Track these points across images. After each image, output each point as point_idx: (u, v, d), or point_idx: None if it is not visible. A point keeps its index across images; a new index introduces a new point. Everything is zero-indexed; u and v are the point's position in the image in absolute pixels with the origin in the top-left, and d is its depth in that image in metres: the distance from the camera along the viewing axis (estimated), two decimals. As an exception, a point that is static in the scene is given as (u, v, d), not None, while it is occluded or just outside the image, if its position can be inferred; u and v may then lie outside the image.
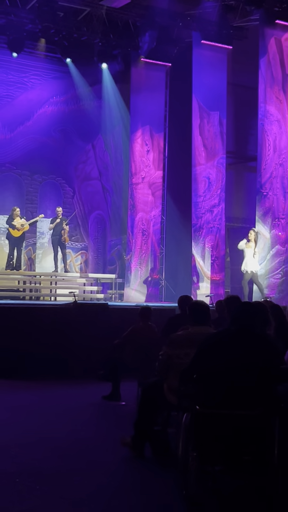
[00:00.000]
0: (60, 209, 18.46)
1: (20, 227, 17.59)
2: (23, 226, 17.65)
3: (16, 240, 17.68)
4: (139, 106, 18.77)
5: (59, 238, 17.95)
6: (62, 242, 17.98)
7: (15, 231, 17.56)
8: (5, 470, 5.73)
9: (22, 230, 17.67)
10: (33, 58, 18.87)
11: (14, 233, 17.59)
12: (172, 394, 6.04)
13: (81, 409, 8.73)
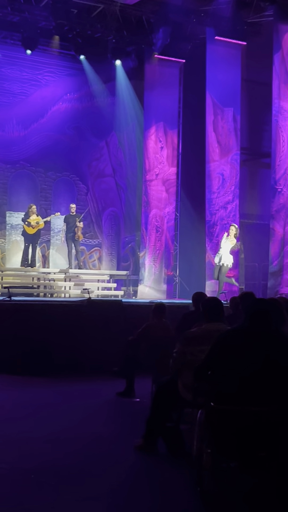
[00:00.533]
0: (74, 206, 18.50)
1: (35, 224, 17.63)
2: (38, 223, 17.69)
3: (31, 237, 17.72)
4: (153, 102, 18.75)
5: (73, 235, 17.98)
6: (76, 239, 18.01)
7: (29, 229, 17.61)
8: (21, 466, 5.75)
9: (37, 227, 17.70)
10: (47, 55, 18.92)
11: (28, 230, 17.63)
12: (186, 390, 6.03)
13: (95, 406, 8.75)
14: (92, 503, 4.94)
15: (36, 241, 18.04)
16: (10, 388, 9.89)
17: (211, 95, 17.59)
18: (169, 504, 5.06)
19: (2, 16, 16.90)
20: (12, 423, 7.53)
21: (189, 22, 17.70)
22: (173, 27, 17.50)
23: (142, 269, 18.52)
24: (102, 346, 11.57)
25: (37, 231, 17.79)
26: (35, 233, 17.77)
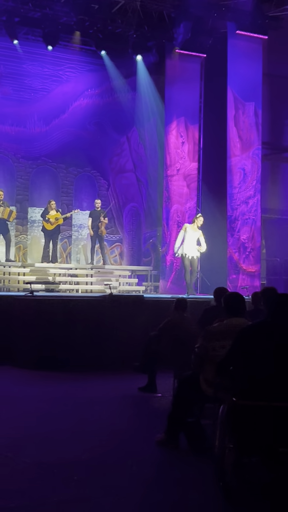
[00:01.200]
0: (98, 201, 18.58)
1: (54, 220, 17.68)
2: (57, 219, 17.74)
3: (50, 233, 17.78)
4: (174, 97, 18.71)
5: (96, 230, 18.03)
6: (99, 234, 18.07)
7: (48, 225, 17.66)
8: (43, 461, 5.78)
9: (56, 223, 17.75)
10: (68, 51, 18.94)
11: (47, 226, 17.69)
12: (208, 386, 6.03)
13: (117, 401, 8.77)
14: (114, 497, 4.95)
15: (56, 237, 18.09)
16: (32, 383, 9.95)
17: (232, 89, 17.52)
18: (190, 498, 5.06)
19: (24, 12, 16.94)
20: (34, 418, 7.57)
21: (210, 16, 17.62)
22: (194, 21, 17.43)
23: (164, 264, 18.51)
24: (123, 341, 11.60)
25: (56, 227, 17.83)
26: (54, 229, 17.82)
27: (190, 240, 15.59)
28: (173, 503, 4.93)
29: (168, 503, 4.91)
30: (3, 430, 6.93)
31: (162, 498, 4.99)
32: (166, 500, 4.96)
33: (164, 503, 4.91)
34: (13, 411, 7.97)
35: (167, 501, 4.96)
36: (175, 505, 4.90)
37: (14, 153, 19.75)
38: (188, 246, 15.56)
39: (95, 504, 4.82)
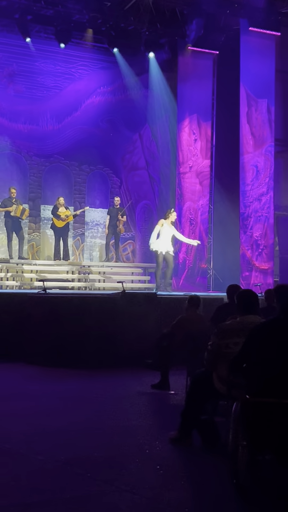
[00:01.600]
0: (118, 199, 18.62)
1: (65, 217, 17.71)
2: (67, 217, 17.78)
3: (60, 230, 17.82)
4: (186, 94, 18.68)
5: (114, 228, 18.08)
6: (117, 232, 18.12)
7: (59, 222, 17.69)
8: (56, 457, 5.79)
9: (67, 220, 17.79)
10: (80, 49, 18.96)
11: (58, 223, 17.72)
12: (221, 383, 6.03)
13: (130, 398, 8.77)
14: (126, 494, 4.96)
15: (66, 234, 18.12)
16: (45, 380, 9.97)
17: (245, 86, 17.48)
18: (204, 496, 5.06)
19: (36, 10, 16.98)
20: (47, 415, 7.59)
21: (223, 13, 17.59)
22: (206, 18, 17.41)
23: (176, 262, 18.50)
24: (136, 338, 11.61)
25: (66, 224, 17.87)
26: (64, 226, 17.85)
27: (165, 236, 15.39)
28: (186, 500, 4.93)
29: (181, 500, 4.91)
30: (17, 426, 6.96)
31: (175, 496, 4.98)
32: (179, 498, 4.96)
33: (178, 500, 4.90)
34: (27, 407, 7.99)
35: (180, 498, 4.95)
36: (188, 502, 4.90)
37: (26, 151, 19.79)
38: (163, 242, 15.36)
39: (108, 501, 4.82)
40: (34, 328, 11.43)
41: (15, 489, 4.96)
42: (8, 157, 19.52)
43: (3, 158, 19.44)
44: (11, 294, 12.71)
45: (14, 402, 8.27)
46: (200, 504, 4.90)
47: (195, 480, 5.40)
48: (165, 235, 15.44)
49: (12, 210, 17.11)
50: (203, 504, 4.90)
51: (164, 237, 15.42)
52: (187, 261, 18.39)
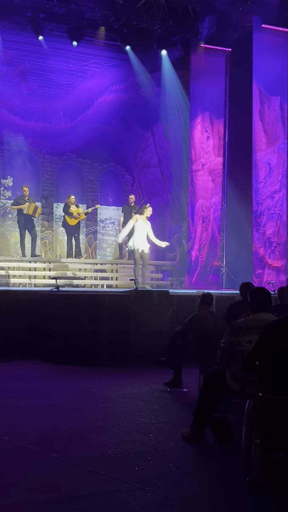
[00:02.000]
0: (132, 196, 18.64)
1: (77, 215, 17.74)
2: (79, 214, 17.80)
3: (72, 228, 17.86)
4: (199, 92, 18.67)
5: None
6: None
7: (71, 220, 17.72)
8: (70, 455, 5.81)
9: (79, 218, 17.82)
10: (93, 47, 19.01)
11: (70, 221, 17.75)
12: (234, 381, 6.03)
13: (143, 395, 8.78)
14: (140, 492, 4.97)
15: (78, 232, 18.17)
16: (59, 378, 10.00)
17: (258, 83, 17.44)
18: (217, 494, 5.06)
19: (49, 8, 17.02)
20: (60, 413, 7.61)
21: (235, 10, 17.55)
22: (219, 15, 17.38)
23: (189, 259, 18.50)
24: (149, 336, 11.63)
25: (78, 222, 17.90)
26: (76, 224, 17.88)
27: (140, 232, 14.90)
28: (199, 498, 4.93)
29: (194, 498, 4.92)
30: (31, 424, 6.98)
31: (188, 493, 4.99)
32: (192, 496, 4.96)
33: (191, 498, 4.91)
34: (40, 405, 8.02)
35: (193, 496, 4.96)
36: (202, 500, 4.90)
37: (39, 149, 19.84)
38: (139, 238, 14.88)
39: (122, 498, 4.83)
40: (47, 326, 11.46)
41: (29, 487, 4.98)
42: (21, 155, 19.58)
43: (16, 156, 19.50)
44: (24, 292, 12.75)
45: (27, 400, 8.30)
46: (213, 501, 4.90)
47: (208, 478, 5.40)
48: (139, 231, 14.89)
49: (25, 208, 17.16)
50: (216, 501, 4.91)
51: (138, 233, 14.89)
52: (200, 258, 18.38)
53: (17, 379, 9.84)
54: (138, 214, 15.36)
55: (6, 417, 7.28)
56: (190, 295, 12.68)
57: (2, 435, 6.40)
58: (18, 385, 9.35)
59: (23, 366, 10.96)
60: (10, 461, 5.60)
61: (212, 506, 4.81)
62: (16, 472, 5.32)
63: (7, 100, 19.22)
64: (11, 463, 5.55)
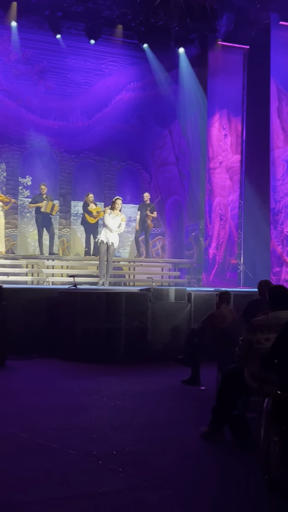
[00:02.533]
0: (147, 194, 18.64)
1: (96, 214, 17.77)
2: (99, 213, 17.84)
3: (91, 226, 17.89)
4: (216, 90, 18.63)
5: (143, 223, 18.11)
6: (147, 227, 18.15)
7: (91, 218, 17.75)
8: (88, 452, 5.83)
9: (98, 216, 17.85)
10: (110, 45, 19.02)
11: (90, 219, 17.78)
12: (252, 379, 6.02)
13: (161, 393, 8.79)
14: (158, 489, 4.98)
15: (96, 231, 18.19)
16: (76, 376, 10.02)
17: (276, 81, 17.37)
18: (235, 492, 5.06)
19: (66, 6, 17.06)
20: (79, 410, 7.63)
21: (253, 7, 17.49)
22: (236, 13, 17.34)
23: (206, 257, 18.47)
24: (167, 334, 11.65)
25: (97, 220, 17.94)
26: (96, 223, 17.92)
27: (110, 225, 14.43)
28: (217, 496, 4.93)
29: (212, 496, 4.92)
30: (49, 421, 7.01)
31: (207, 491, 4.99)
32: (210, 493, 4.97)
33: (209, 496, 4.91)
34: (59, 403, 8.05)
35: (211, 494, 4.96)
36: (220, 498, 4.90)
37: (57, 147, 19.88)
38: (106, 232, 14.47)
39: (140, 496, 4.84)
40: (65, 323, 11.49)
41: (48, 484, 5.00)
42: (39, 153, 19.64)
43: (34, 155, 19.56)
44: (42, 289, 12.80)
45: (46, 397, 8.33)
46: (232, 499, 4.90)
47: (227, 476, 5.40)
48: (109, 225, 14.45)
49: (42, 206, 17.21)
50: (235, 499, 4.90)
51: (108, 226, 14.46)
52: (217, 256, 18.36)
53: (35, 377, 9.88)
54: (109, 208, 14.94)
55: (24, 414, 7.32)
56: (208, 293, 12.67)
57: (21, 433, 6.43)
58: (36, 383, 9.39)
59: (41, 364, 11.00)
60: (29, 458, 5.63)
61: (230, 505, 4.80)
62: (36, 469, 5.34)
63: (25, 99, 19.28)
64: (30, 460, 5.58)
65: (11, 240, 18.98)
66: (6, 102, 19.08)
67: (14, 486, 4.91)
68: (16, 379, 9.75)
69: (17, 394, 8.48)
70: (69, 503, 4.65)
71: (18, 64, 19.00)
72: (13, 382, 9.51)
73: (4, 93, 19.04)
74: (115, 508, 4.60)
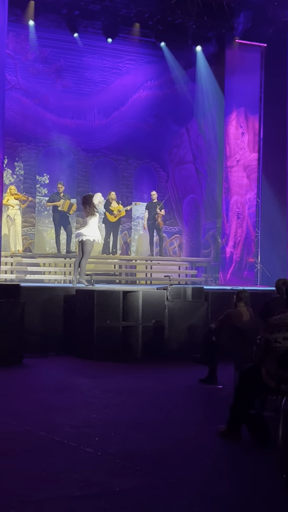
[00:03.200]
0: (154, 193, 18.61)
1: (117, 213, 17.79)
2: (120, 211, 17.85)
3: (112, 225, 17.90)
4: (234, 88, 18.59)
5: (153, 222, 18.09)
6: (157, 226, 18.13)
7: (112, 217, 17.78)
8: (105, 451, 5.84)
9: (119, 215, 17.86)
10: (127, 43, 19.04)
11: (111, 218, 17.80)
12: (270, 378, 6.00)
13: (178, 392, 8.79)
14: (175, 488, 4.97)
15: (117, 229, 18.21)
16: (93, 374, 10.04)
17: (293, 78, 17.31)
18: (253, 491, 5.05)
19: (84, 5, 17.09)
20: (95, 408, 7.65)
21: (271, 5, 17.45)
22: (254, 11, 17.30)
23: (223, 256, 18.44)
24: (184, 332, 11.65)
25: (118, 219, 17.95)
26: (116, 221, 17.94)
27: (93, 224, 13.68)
28: (235, 495, 4.92)
29: (230, 495, 4.91)
30: (67, 419, 7.02)
31: (224, 490, 4.98)
32: (228, 492, 4.96)
33: (226, 495, 4.90)
34: (76, 401, 8.06)
35: (229, 493, 4.95)
36: (237, 497, 4.89)
37: (74, 145, 19.91)
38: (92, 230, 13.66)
39: (157, 494, 4.84)
40: (82, 321, 11.51)
41: (65, 482, 5.01)
42: (56, 152, 19.68)
43: (51, 153, 19.61)
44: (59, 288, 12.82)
45: (63, 396, 8.35)
46: (249, 499, 4.89)
47: (244, 475, 5.38)
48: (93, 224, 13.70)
49: (60, 204, 17.26)
50: (252, 499, 4.89)
51: (93, 226, 13.72)
52: (234, 255, 18.32)
53: (52, 375, 9.90)
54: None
55: (42, 412, 7.34)
56: (225, 291, 12.65)
57: (38, 430, 6.45)
58: (53, 381, 9.41)
59: (58, 362, 11.03)
60: (46, 456, 5.64)
61: (247, 504, 4.79)
62: (53, 467, 5.36)
63: (42, 98, 19.33)
64: (47, 458, 5.59)
65: (28, 239, 19.04)
66: (24, 101, 19.13)
67: (32, 484, 4.92)
68: (33, 377, 9.78)
69: (34, 392, 8.51)
70: (86, 501, 4.66)
71: (35, 63, 19.05)
72: (30, 380, 9.54)
73: (22, 92, 19.09)
74: (132, 507, 4.60)
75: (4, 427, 6.64)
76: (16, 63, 18.84)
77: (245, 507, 4.73)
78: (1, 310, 10.55)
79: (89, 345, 11.24)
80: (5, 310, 10.59)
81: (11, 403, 7.82)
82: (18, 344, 10.68)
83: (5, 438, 6.18)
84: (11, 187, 17.32)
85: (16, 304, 10.79)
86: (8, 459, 5.53)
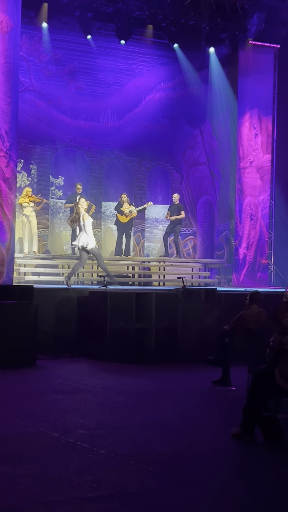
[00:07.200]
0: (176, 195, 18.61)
1: (128, 213, 17.79)
2: (131, 212, 17.85)
3: (123, 226, 17.90)
4: (247, 89, 18.54)
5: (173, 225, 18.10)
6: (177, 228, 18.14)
7: (122, 217, 17.78)
8: (118, 452, 5.84)
9: (130, 216, 17.87)
10: (140, 45, 19.02)
11: (121, 219, 17.81)
12: (283, 380, 6.00)
13: (191, 394, 8.79)
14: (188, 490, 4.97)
15: (129, 230, 18.20)
16: (106, 375, 10.06)
17: (307, 80, 17.27)
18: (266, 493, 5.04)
19: (97, 7, 17.10)
20: (109, 409, 7.66)
21: (284, 6, 17.40)
22: (267, 12, 17.25)
23: (236, 258, 18.41)
24: (197, 334, 11.64)
25: (129, 220, 17.95)
26: (128, 222, 17.93)
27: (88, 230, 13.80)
28: (248, 497, 4.91)
29: (243, 497, 4.90)
30: (80, 420, 7.04)
31: (237, 492, 4.98)
32: (241, 494, 4.95)
33: (240, 497, 4.89)
34: (89, 402, 8.08)
35: (242, 495, 4.94)
36: (251, 499, 4.88)
37: (88, 147, 19.94)
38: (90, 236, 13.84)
39: (171, 496, 4.84)
40: (95, 323, 11.53)
41: (78, 483, 5.02)
42: (69, 154, 19.72)
43: (65, 155, 19.65)
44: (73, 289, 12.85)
45: (76, 397, 8.37)
46: (262, 501, 4.88)
47: (258, 478, 5.37)
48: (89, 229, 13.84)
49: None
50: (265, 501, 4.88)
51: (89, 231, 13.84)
52: (248, 256, 18.28)
53: (65, 377, 9.92)
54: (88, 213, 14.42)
55: (55, 414, 7.36)
56: (238, 293, 12.63)
57: (52, 432, 6.47)
58: (67, 382, 9.43)
59: (71, 363, 11.06)
60: (60, 458, 5.66)
61: (261, 506, 4.78)
62: (66, 469, 5.37)
63: (56, 100, 19.37)
64: (61, 460, 5.61)
65: (42, 240, 19.07)
66: (37, 103, 19.18)
67: (45, 485, 4.93)
68: (46, 378, 9.80)
69: (47, 393, 8.53)
70: (100, 503, 4.66)
71: (49, 65, 19.09)
72: (43, 381, 9.56)
73: (35, 94, 19.14)
74: (145, 508, 4.60)
75: (17, 428, 6.66)
76: (29, 65, 18.88)
77: (260, 510, 4.72)
78: (14, 312, 10.60)
79: (102, 346, 11.26)
80: (18, 312, 10.64)
81: (24, 404, 7.85)
82: (32, 345, 10.71)
83: (18, 440, 6.21)
84: (27, 189, 17.31)
85: (30, 305, 10.82)
86: (21, 460, 5.55)
